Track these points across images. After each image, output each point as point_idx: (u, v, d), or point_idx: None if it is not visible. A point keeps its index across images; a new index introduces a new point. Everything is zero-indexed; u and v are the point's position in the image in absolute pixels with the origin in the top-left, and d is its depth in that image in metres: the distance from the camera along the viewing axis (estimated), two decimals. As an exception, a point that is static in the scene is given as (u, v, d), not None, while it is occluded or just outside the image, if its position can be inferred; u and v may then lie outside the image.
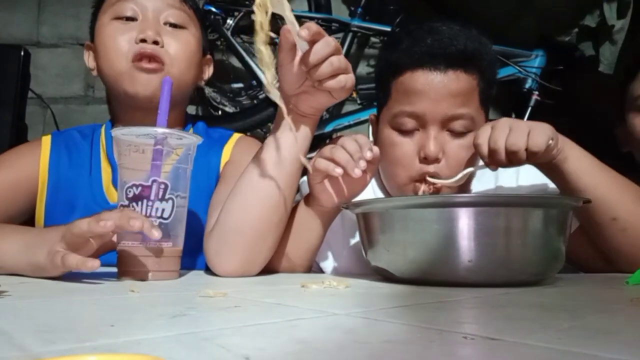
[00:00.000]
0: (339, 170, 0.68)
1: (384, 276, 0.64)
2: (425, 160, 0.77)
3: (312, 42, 0.61)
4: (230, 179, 0.77)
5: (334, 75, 0.63)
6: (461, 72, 0.76)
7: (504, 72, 1.67)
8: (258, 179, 0.70)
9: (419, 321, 0.36)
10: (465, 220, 0.55)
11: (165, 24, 0.86)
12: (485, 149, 0.70)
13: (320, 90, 0.65)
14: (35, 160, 0.88)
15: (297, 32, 0.60)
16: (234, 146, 0.92)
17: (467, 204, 0.56)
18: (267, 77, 0.61)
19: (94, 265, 0.57)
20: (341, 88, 0.64)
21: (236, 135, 0.95)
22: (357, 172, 0.66)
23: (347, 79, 0.64)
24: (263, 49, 0.59)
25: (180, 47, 0.86)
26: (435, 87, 0.76)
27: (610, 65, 1.49)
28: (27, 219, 0.87)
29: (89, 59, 0.92)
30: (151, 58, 0.83)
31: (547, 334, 0.31)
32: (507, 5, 1.64)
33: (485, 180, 0.89)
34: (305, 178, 0.98)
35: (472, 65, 0.77)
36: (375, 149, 0.70)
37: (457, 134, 0.78)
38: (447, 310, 0.42)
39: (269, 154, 0.70)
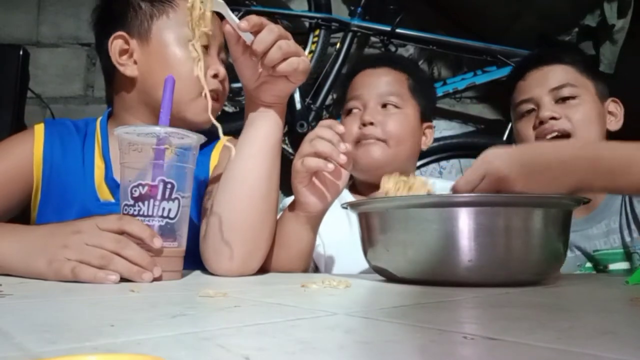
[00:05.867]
0: (331, 166, 0.72)
1: (384, 276, 0.64)
2: (363, 125, 1.03)
3: (256, 33, 0.64)
4: (218, 182, 0.76)
5: (286, 59, 0.66)
6: (389, 68, 1.09)
7: (504, 72, 1.67)
8: (241, 173, 0.71)
9: (419, 321, 0.36)
10: (465, 220, 0.55)
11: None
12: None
13: (278, 78, 0.68)
14: (29, 151, 0.83)
15: (237, 26, 0.62)
16: (222, 150, 0.91)
17: (467, 204, 0.56)
18: (197, 69, 0.66)
19: (115, 279, 0.57)
20: (294, 70, 0.67)
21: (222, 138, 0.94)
22: (342, 158, 0.72)
23: (299, 62, 0.67)
24: (193, 47, 0.65)
25: None
26: (370, 76, 1.09)
27: (610, 65, 1.50)
28: (19, 214, 0.84)
29: (125, 58, 0.84)
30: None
31: (547, 334, 0.31)
32: (507, 5, 1.64)
33: None
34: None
35: (398, 66, 1.10)
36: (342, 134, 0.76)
37: (390, 107, 1.05)
38: (447, 310, 0.42)
39: (246, 148, 0.72)
